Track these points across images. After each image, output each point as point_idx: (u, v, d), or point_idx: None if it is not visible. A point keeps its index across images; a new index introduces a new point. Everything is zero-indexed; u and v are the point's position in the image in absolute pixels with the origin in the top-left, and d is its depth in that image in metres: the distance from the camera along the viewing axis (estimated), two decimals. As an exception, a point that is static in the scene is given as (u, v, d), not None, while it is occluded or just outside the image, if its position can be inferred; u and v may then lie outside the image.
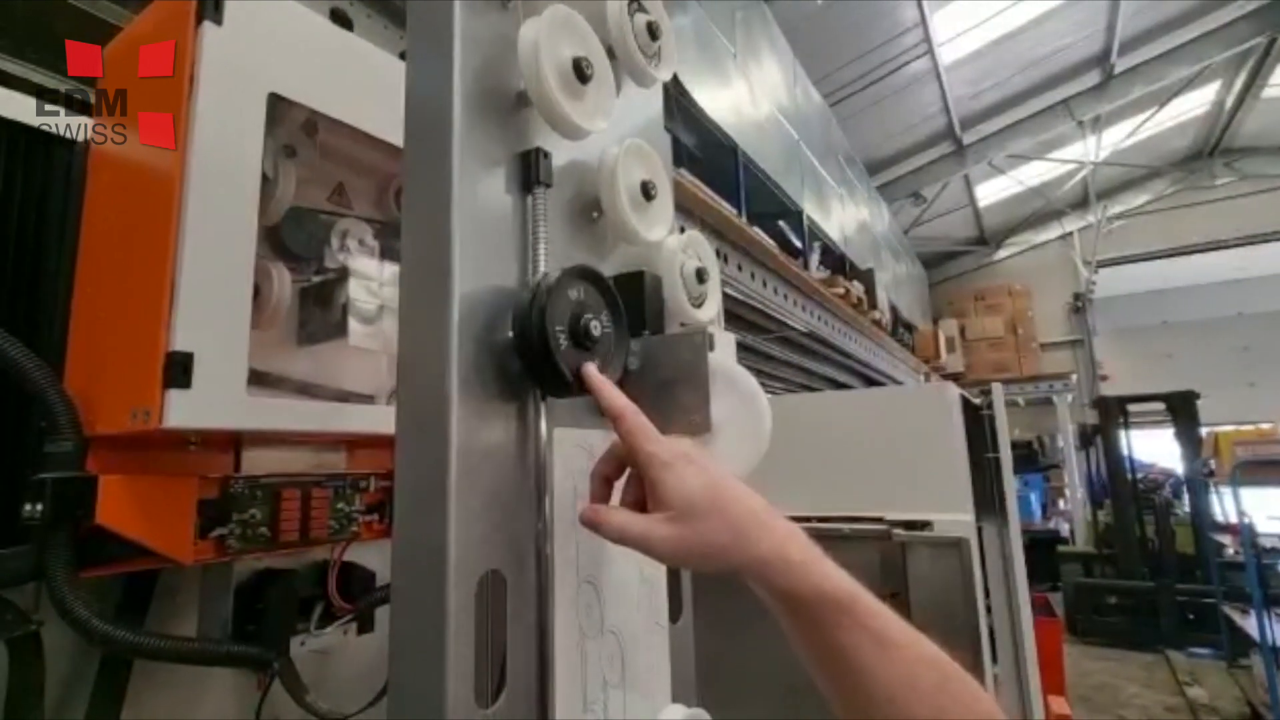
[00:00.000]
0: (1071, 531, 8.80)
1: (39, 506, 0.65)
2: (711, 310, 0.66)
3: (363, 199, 1.00)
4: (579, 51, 0.49)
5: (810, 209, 5.14)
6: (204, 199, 0.67)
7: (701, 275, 0.64)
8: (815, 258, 5.04)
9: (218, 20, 0.68)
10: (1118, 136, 9.58)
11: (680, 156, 4.08)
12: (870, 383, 7.52)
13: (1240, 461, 4.13)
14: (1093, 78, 8.09)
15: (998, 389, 1.35)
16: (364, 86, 0.84)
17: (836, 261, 5.86)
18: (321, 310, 0.89)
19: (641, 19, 0.61)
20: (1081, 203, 10.95)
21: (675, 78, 3.20)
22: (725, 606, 1.11)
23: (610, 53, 0.59)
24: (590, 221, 0.57)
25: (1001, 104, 8.44)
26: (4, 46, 1.07)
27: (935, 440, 1.38)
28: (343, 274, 0.93)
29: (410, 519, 0.41)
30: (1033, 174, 10.34)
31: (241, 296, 0.69)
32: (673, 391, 0.53)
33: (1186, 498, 6.49)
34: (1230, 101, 9.09)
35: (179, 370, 0.62)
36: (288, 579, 0.85)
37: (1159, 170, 10.77)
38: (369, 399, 0.96)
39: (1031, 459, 10.38)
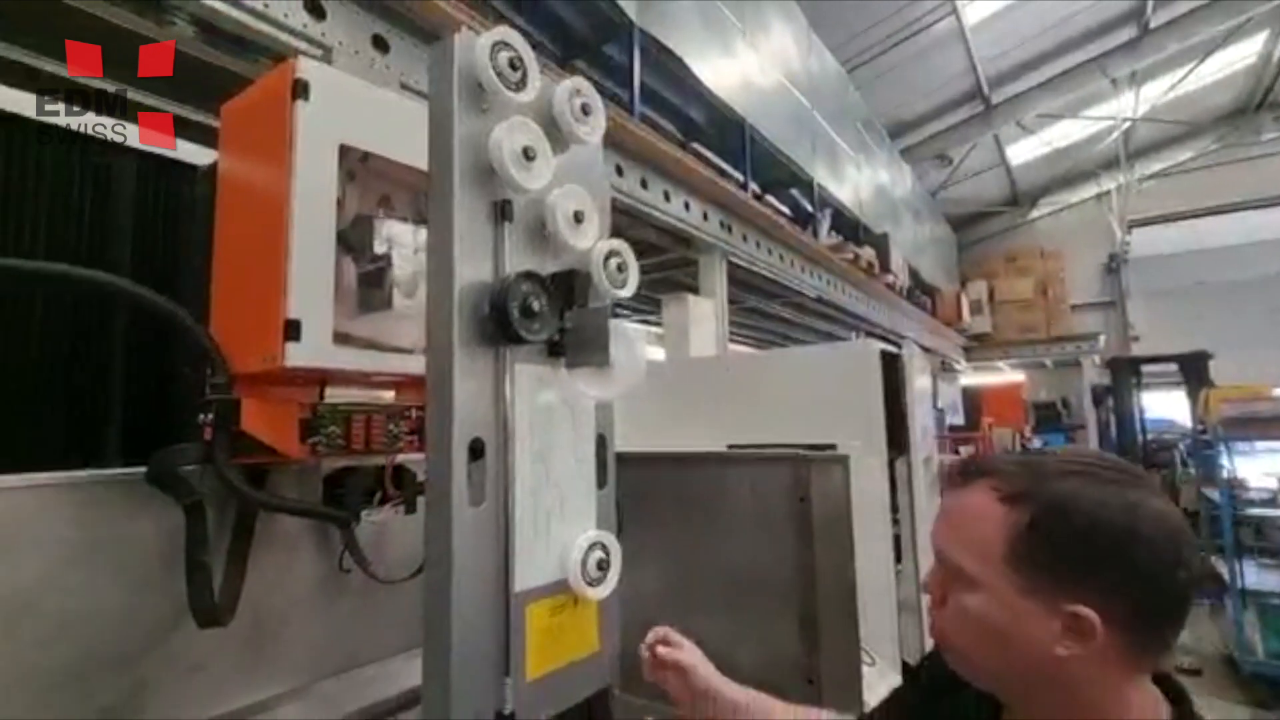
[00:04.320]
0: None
1: (209, 416, 1.04)
2: (630, 290, 0.99)
3: (403, 205, 1.35)
4: (528, 142, 0.82)
5: (822, 176, 5.31)
6: (303, 217, 1.03)
7: (621, 268, 0.98)
8: (825, 225, 5.24)
9: (306, 98, 1.03)
10: (1156, 92, 9.29)
11: (689, 132, 4.33)
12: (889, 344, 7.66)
13: (1224, 418, 4.29)
14: (1127, 33, 7.90)
15: (909, 345, 1.66)
16: (399, 129, 1.19)
17: (850, 227, 6.03)
18: (374, 289, 1.26)
19: (578, 101, 0.94)
20: (1119, 161, 10.68)
21: (680, 60, 3.44)
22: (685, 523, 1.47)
23: (555, 124, 0.92)
24: (542, 236, 0.91)
25: (1031, 63, 8.31)
26: (158, 88, 1.46)
27: (858, 388, 1.70)
28: (388, 262, 1.29)
29: (435, 404, 0.77)
30: (1065, 133, 10.13)
31: (328, 281, 1.06)
32: (589, 341, 0.87)
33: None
34: (1279, 53, 8.73)
35: (293, 330, 0.99)
36: (359, 472, 1.24)
37: (1201, 126, 10.41)
38: (409, 351, 1.32)
39: (1054, 419, 10.46)
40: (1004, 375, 11.46)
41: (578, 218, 0.91)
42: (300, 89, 1.03)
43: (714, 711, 1.00)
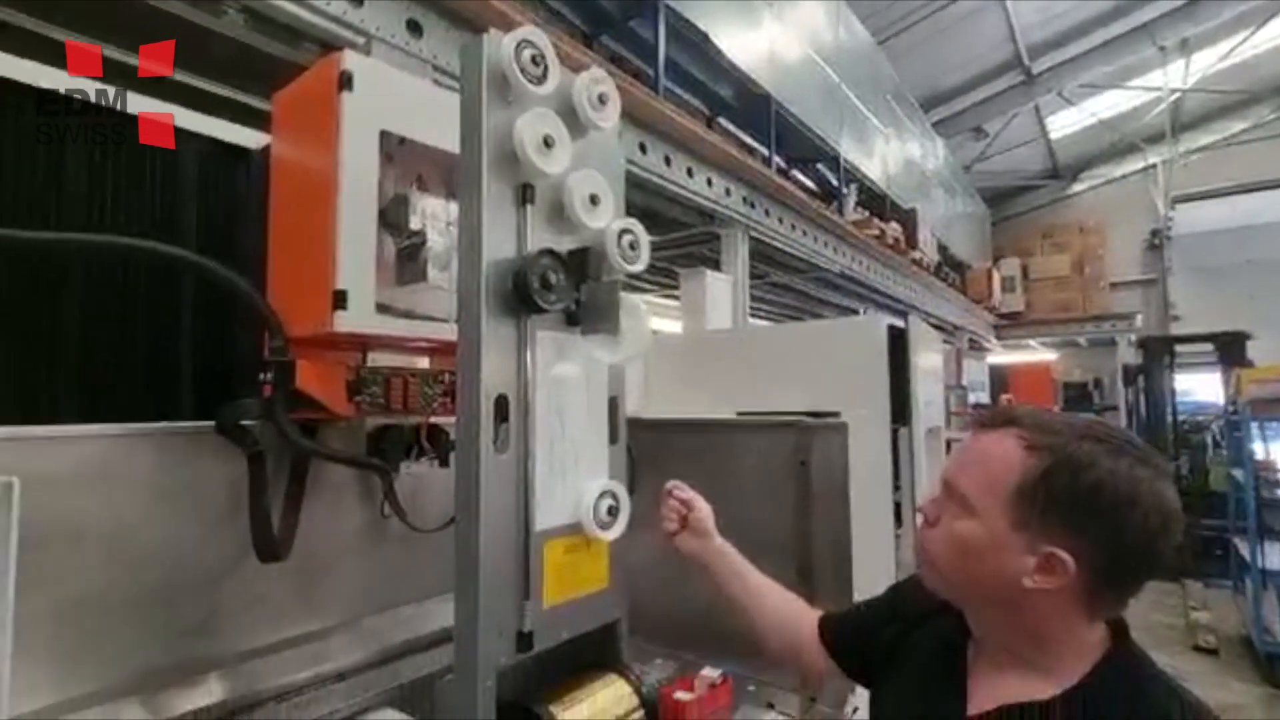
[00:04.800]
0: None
1: (269, 375, 1.18)
2: (641, 265, 1.09)
3: (436, 184, 1.45)
4: (548, 131, 0.92)
5: (849, 150, 5.26)
6: (349, 197, 1.15)
7: (634, 245, 1.08)
8: (851, 200, 5.22)
9: (350, 89, 1.14)
10: (1209, 60, 8.89)
11: (715, 107, 4.34)
12: (916, 321, 7.60)
13: (1251, 398, 4.23)
14: (1179, -3, 7.56)
15: (913, 319, 1.72)
16: (431, 115, 1.29)
17: (877, 202, 5.98)
18: (411, 263, 1.38)
19: (595, 90, 1.03)
20: (1167, 133, 10.25)
21: (705, 36, 3.47)
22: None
23: (574, 113, 1.01)
24: (561, 215, 1.01)
25: (1074, 30, 8.02)
26: (211, 74, 1.58)
27: (865, 360, 1.78)
28: (423, 238, 1.40)
29: (465, 364, 0.89)
30: (1110, 104, 9.77)
31: (370, 255, 1.18)
32: (601, 311, 0.98)
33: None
34: (1343, 17, 8.25)
35: (341, 299, 1.12)
36: (398, 429, 1.38)
37: (1258, 95, 9.92)
38: (442, 320, 1.44)
39: (1086, 400, 10.29)
40: (1036, 355, 11.27)
41: (593, 200, 1.01)
42: (346, 80, 1.14)
43: (703, 548, 1.20)
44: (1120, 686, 0.71)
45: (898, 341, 1.77)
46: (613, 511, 1.01)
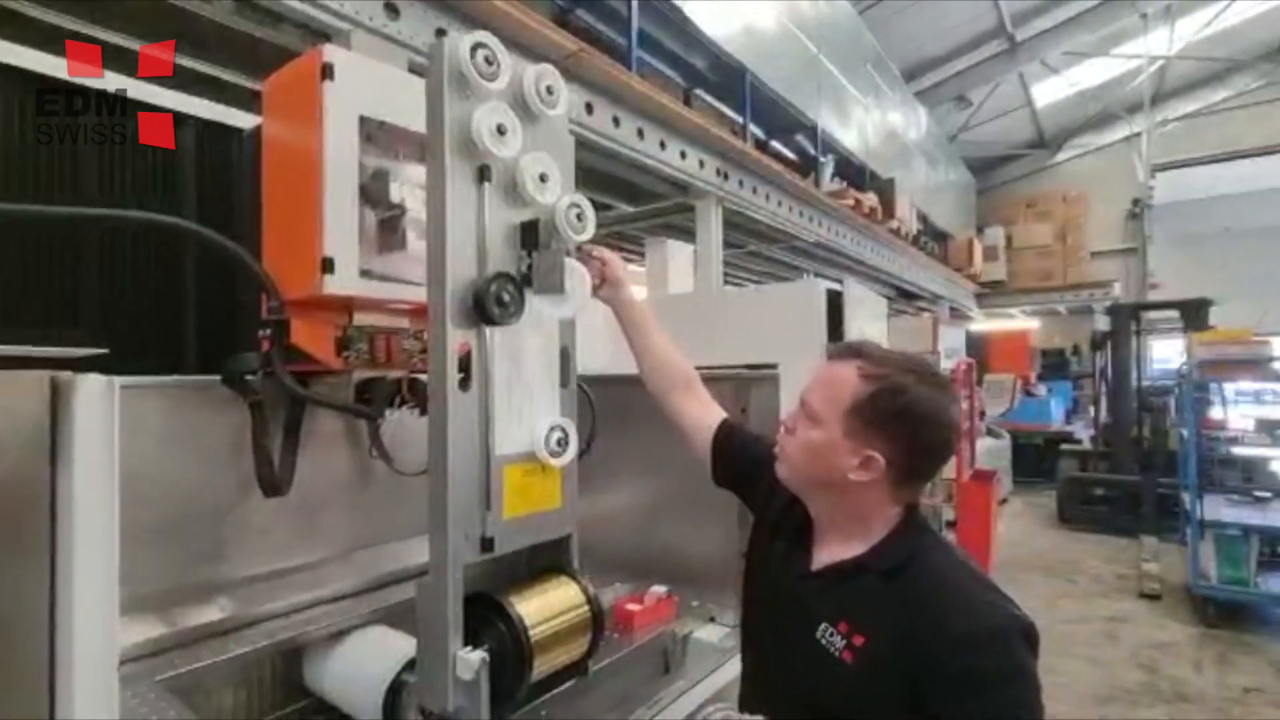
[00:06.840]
0: (1095, 435, 9.15)
1: (268, 331, 1.35)
2: (588, 235, 1.26)
3: (411, 159, 1.61)
4: (501, 120, 1.09)
5: (827, 121, 5.37)
6: (332, 175, 1.31)
7: (580, 217, 1.25)
8: (828, 171, 5.35)
9: (331, 78, 1.29)
10: (1193, 27, 8.96)
11: (692, 79, 4.44)
12: (898, 291, 7.80)
13: (1198, 360, 4.47)
14: (1160, -35, 7.59)
15: (849, 283, 1.91)
16: (408, 100, 1.44)
17: (856, 172, 6.11)
18: (391, 233, 1.54)
19: (543, 83, 1.19)
20: (1151, 101, 10.34)
21: (681, 12, 3.57)
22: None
23: (525, 103, 1.18)
24: (514, 192, 1.18)
25: (1057, -3, 8.05)
26: (204, 56, 1.72)
27: (805, 320, 1.96)
28: (403, 210, 1.57)
29: (435, 319, 1.06)
30: (1094, 73, 9.83)
31: (354, 226, 1.34)
32: (549, 274, 1.15)
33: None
34: (1324, -15, 8.31)
35: (328, 265, 1.29)
36: (383, 381, 1.56)
37: (1242, 64, 10.01)
38: (420, 285, 1.61)
39: (1062, 367, 10.57)
40: (1018, 323, 11.51)
41: (543, 178, 1.17)
42: (327, 71, 1.29)
43: (613, 296, 1.42)
44: (905, 542, 1.00)
45: (836, 304, 1.95)
46: (562, 443, 1.20)
